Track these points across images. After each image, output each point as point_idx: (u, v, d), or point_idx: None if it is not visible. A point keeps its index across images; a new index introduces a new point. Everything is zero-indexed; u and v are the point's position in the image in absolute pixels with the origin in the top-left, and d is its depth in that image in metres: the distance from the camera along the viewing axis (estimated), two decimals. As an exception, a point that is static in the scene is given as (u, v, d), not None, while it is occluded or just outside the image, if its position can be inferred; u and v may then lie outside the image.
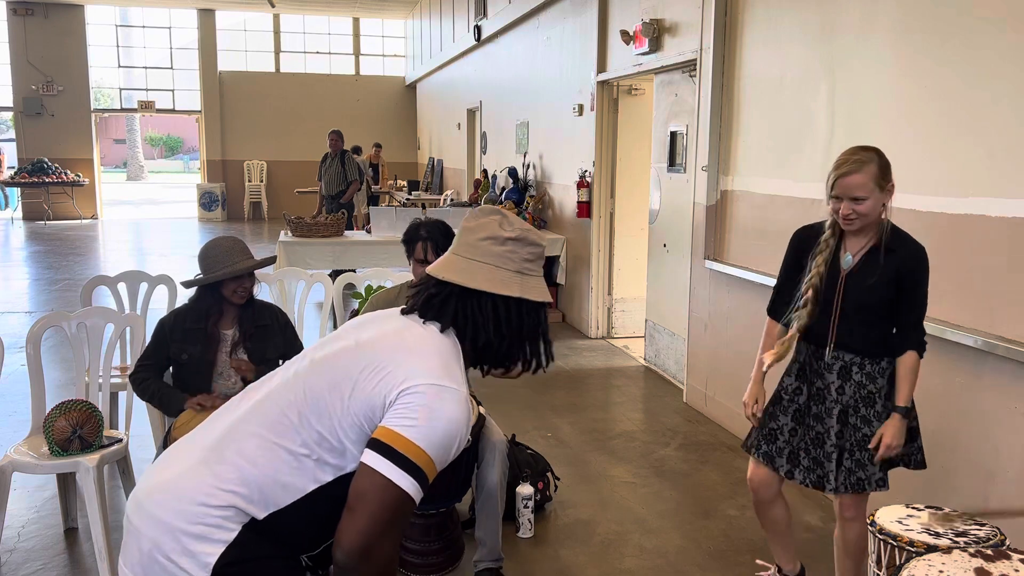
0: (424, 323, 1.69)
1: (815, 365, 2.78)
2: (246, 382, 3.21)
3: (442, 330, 1.68)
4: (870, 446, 2.66)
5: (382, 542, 1.51)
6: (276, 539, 1.60)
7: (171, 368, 3.34)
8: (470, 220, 1.78)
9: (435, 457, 1.54)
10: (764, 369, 2.90)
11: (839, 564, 2.90)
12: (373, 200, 13.11)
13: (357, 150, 13.73)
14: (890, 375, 2.70)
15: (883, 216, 2.65)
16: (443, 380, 1.57)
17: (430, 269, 1.75)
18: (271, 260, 3.41)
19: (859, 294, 2.65)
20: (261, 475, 1.57)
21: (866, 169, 2.55)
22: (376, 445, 1.53)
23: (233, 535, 1.55)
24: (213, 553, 1.53)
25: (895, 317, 2.67)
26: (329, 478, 1.59)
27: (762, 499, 2.96)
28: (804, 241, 2.82)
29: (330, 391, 1.60)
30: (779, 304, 2.90)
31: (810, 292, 2.71)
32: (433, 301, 1.71)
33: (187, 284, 3.30)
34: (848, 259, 2.69)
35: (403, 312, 1.74)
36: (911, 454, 2.76)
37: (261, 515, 1.57)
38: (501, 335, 1.71)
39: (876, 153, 2.60)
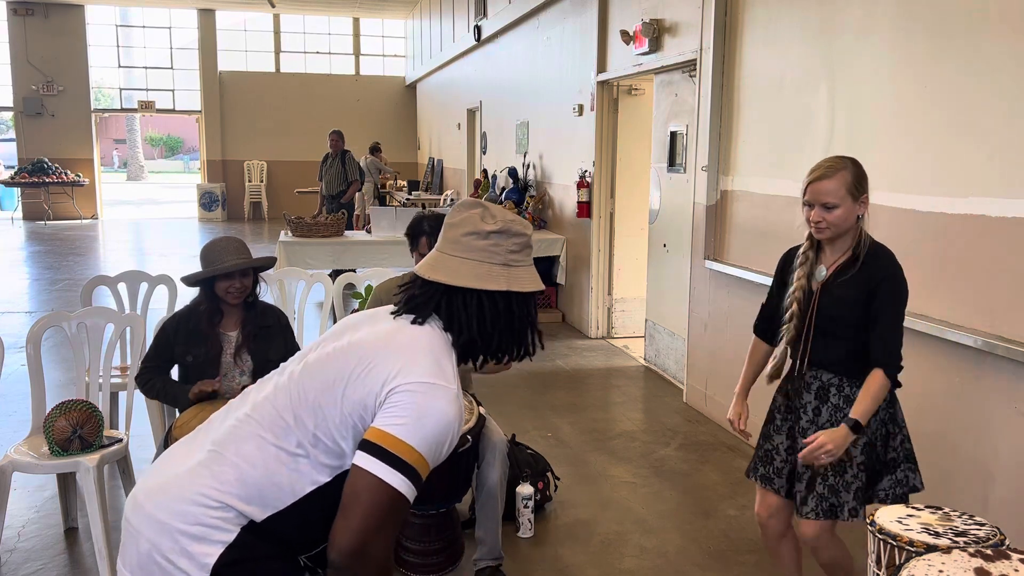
0: (414, 322, 1.68)
1: (795, 383, 2.68)
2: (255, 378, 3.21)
3: (433, 328, 1.67)
4: (804, 440, 2.47)
5: (376, 541, 1.51)
6: (275, 540, 1.59)
7: (177, 370, 3.34)
8: (452, 215, 1.77)
9: (426, 455, 1.54)
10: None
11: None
12: (380, 200, 13.13)
13: (375, 149, 13.75)
14: None
15: (860, 227, 2.53)
16: (433, 378, 1.57)
17: (417, 268, 1.75)
18: (268, 261, 3.37)
19: (831, 307, 2.54)
20: (260, 476, 1.57)
21: (839, 176, 2.45)
22: (367, 446, 1.53)
23: (232, 536, 1.54)
24: (212, 554, 1.53)
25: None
26: (326, 479, 1.59)
27: (771, 532, 2.77)
28: (789, 261, 2.73)
29: (323, 392, 1.60)
30: (762, 322, 2.84)
31: (794, 306, 2.62)
32: (418, 300, 1.70)
33: (185, 279, 3.30)
34: (821, 271, 2.59)
35: (393, 314, 1.73)
36: (891, 487, 2.57)
37: (260, 517, 1.57)
38: (487, 332, 1.69)
39: (852, 162, 2.50)
